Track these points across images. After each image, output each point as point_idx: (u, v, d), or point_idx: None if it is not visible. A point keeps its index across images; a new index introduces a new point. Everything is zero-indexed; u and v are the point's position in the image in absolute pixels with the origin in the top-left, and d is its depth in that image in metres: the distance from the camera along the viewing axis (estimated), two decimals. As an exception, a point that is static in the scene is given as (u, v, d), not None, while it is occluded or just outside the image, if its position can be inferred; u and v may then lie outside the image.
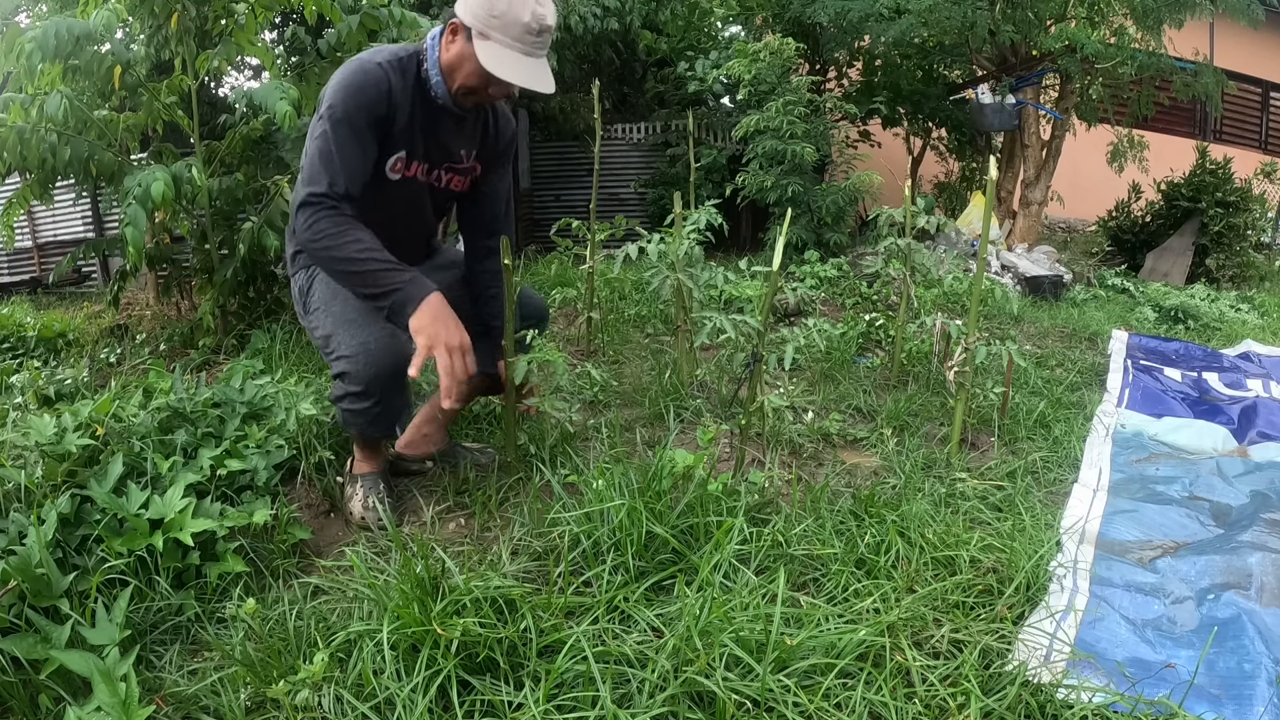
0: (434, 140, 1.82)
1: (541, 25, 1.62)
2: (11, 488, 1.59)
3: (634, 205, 8.39)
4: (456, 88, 1.73)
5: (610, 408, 2.62)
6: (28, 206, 3.74)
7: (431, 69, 1.73)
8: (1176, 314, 4.57)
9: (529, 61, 1.64)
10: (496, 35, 1.62)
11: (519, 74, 1.63)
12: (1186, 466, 2.25)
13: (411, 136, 1.77)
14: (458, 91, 1.73)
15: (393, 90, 1.69)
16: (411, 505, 1.93)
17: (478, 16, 1.62)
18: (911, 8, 5.81)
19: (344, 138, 1.64)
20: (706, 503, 1.65)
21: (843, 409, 2.66)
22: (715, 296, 3.87)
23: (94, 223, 7.03)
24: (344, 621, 1.37)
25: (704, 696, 1.20)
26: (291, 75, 3.67)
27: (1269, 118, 10.53)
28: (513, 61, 1.63)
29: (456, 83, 1.72)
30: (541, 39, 1.64)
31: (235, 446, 1.86)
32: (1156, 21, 5.56)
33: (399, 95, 1.71)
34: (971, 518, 1.83)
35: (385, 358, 1.69)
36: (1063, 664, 1.28)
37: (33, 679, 1.23)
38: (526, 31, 1.62)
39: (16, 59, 2.90)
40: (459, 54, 1.68)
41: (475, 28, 1.63)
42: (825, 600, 1.45)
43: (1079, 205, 8.64)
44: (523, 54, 1.63)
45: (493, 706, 1.20)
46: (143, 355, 3.33)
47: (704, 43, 8.70)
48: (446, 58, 1.71)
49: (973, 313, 2.20)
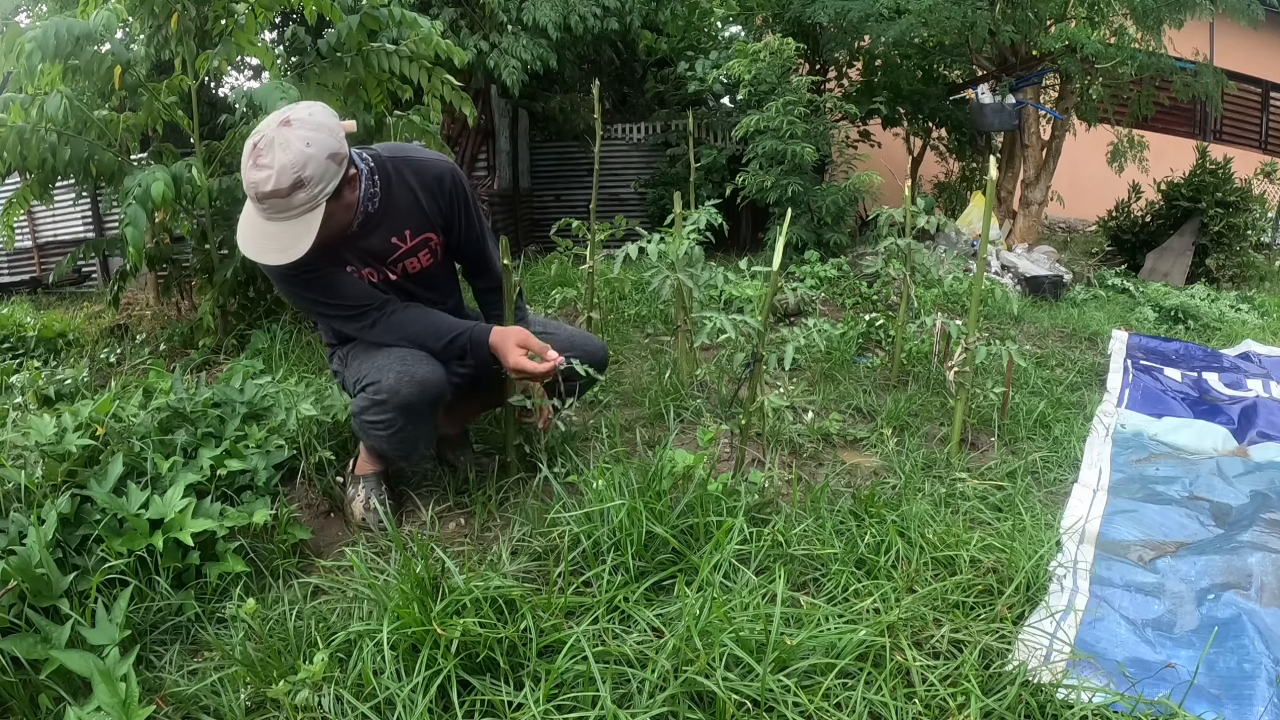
0: (357, 248, 1.77)
1: (258, 192, 1.50)
2: (11, 488, 1.59)
3: (634, 205, 8.39)
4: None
5: (610, 408, 2.62)
6: (28, 206, 3.75)
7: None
8: (1176, 314, 4.57)
9: (264, 227, 1.55)
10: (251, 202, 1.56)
11: (252, 246, 1.56)
12: (1186, 466, 2.25)
13: (345, 256, 1.76)
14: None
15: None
16: (411, 505, 1.93)
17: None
18: (911, 8, 5.81)
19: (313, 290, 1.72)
20: (706, 503, 1.65)
21: (843, 409, 2.66)
22: (715, 296, 3.87)
23: (94, 223, 7.04)
24: (344, 621, 1.37)
25: (704, 696, 1.20)
26: (291, 75, 3.67)
27: (1269, 118, 10.53)
28: (250, 229, 1.57)
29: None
30: (265, 204, 1.51)
31: (235, 446, 1.86)
32: (1156, 21, 5.56)
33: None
34: (971, 518, 1.83)
35: (418, 376, 1.69)
36: (1063, 664, 1.28)
37: (33, 679, 1.23)
38: (253, 199, 1.53)
39: (16, 59, 2.90)
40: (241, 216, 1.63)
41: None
42: (825, 600, 1.45)
43: (1079, 205, 8.64)
44: (262, 218, 1.55)
45: (493, 706, 1.20)
46: (143, 355, 3.33)
47: (704, 43, 8.71)
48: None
49: (973, 313, 2.20)
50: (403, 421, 1.72)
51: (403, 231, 1.80)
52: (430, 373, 1.71)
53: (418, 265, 1.87)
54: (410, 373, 1.69)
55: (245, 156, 1.52)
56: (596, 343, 2.05)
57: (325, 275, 1.73)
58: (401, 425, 1.73)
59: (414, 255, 1.85)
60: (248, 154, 1.52)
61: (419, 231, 1.82)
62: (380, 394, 1.69)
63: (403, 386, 1.68)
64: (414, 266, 1.86)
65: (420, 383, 1.69)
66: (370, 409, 1.72)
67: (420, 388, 1.69)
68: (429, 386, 1.71)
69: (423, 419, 1.75)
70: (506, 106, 8.18)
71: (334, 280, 1.74)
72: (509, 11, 6.01)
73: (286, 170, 1.48)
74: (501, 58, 5.95)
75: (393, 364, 1.70)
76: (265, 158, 1.49)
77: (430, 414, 1.77)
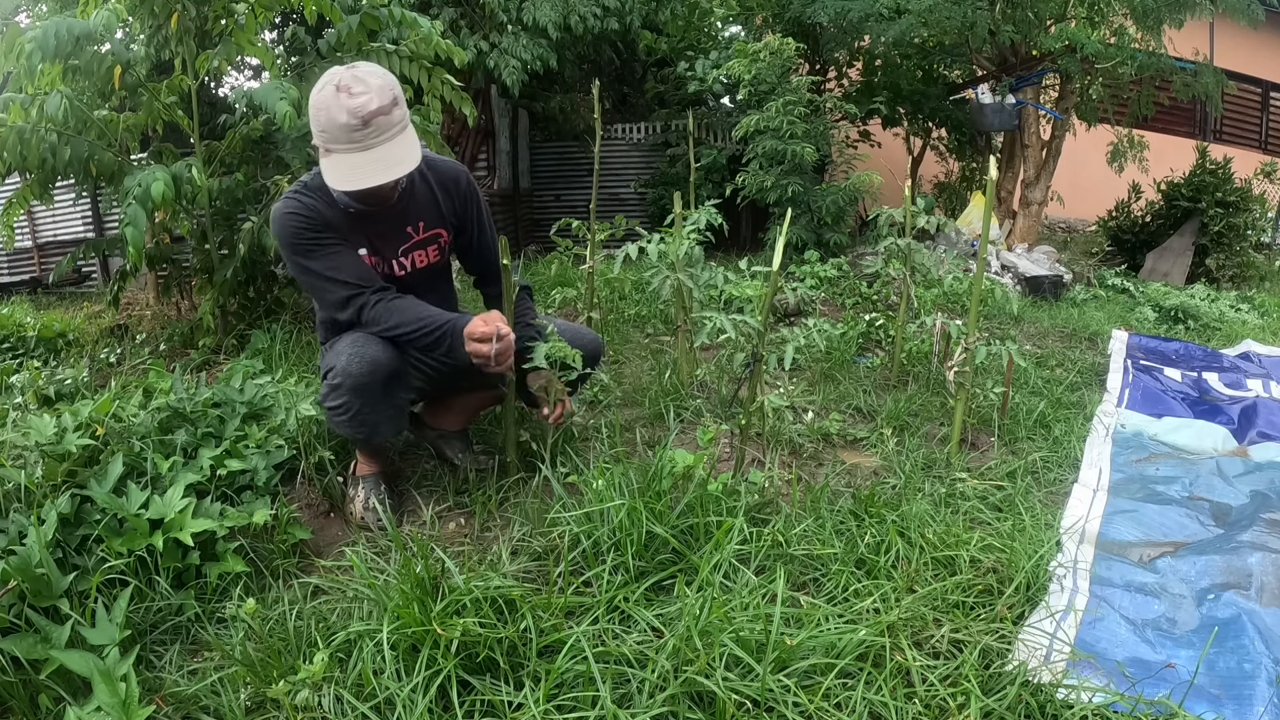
0: (379, 235, 1.83)
1: (360, 116, 1.57)
2: (11, 488, 1.59)
3: (634, 205, 8.39)
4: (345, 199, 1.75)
5: (610, 408, 2.62)
6: (28, 206, 3.74)
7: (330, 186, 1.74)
8: (1176, 314, 4.57)
9: (366, 157, 1.61)
10: (334, 146, 1.62)
11: (360, 178, 1.61)
12: (1186, 466, 2.25)
13: (358, 237, 1.80)
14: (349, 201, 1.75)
15: (316, 205, 1.74)
16: (411, 505, 1.93)
17: (316, 134, 1.64)
18: (911, 8, 5.81)
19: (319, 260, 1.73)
20: (706, 503, 1.65)
21: (843, 409, 2.66)
22: (715, 296, 3.87)
23: (94, 223, 7.03)
24: (344, 621, 1.37)
25: (704, 696, 1.20)
26: (291, 75, 3.67)
27: (1269, 118, 10.53)
28: (350, 167, 1.61)
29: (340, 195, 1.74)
30: (372, 127, 1.59)
31: (235, 446, 1.86)
32: (1156, 21, 5.56)
33: (323, 208, 1.75)
34: (971, 518, 1.83)
35: (368, 355, 1.72)
36: (1063, 664, 1.28)
37: (33, 679, 1.23)
38: (352, 131, 1.59)
39: (16, 59, 2.90)
40: (324, 171, 1.69)
41: (320, 145, 1.64)
42: (825, 600, 1.45)
43: (1079, 205, 8.64)
44: (360, 151, 1.61)
45: (493, 706, 1.20)
46: (143, 355, 3.33)
47: (704, 43, 8.71)
48: (325, 178, 1.71)
49: (973, 313, 2.20)
50: (359, 403, 1.75)
51: (417, 222, 1.87)
52: (379, 351, 1.73)
53: (425, 260, 1.91)
54: (361, 353, 1.72)
55: (329, 99, 1.58)
56: (591, 335, 2.06)
57: (334, 249, 1.75)
58: (359, 408, 1.75)
59: (424, 248, 1.89)
60: (331, 95, 1.58)
61: (431, 225, 1.89)
62: (335, 378, 1.74)
63: (354, 366, 1.71)
64: (421, 260, 1.90)
65: (371, 360, 1.72)
66: (329, 395, 1.77)
67: (372, 365, 1.72)
68: (380, 364, 1.73)
69: (379, 398, 1.76)
70: (506, 106, 8.18)
71: (341, 255, 1.76)
72: (509, 11, 6.01)
73: (384, 90, 1.61)
74: (501, 58, 5.95)
75: (345, 348, 1.74)
76: (356, 87, 1.59)
77: (385, 393, 1.77)
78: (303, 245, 1.74)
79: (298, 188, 1.79)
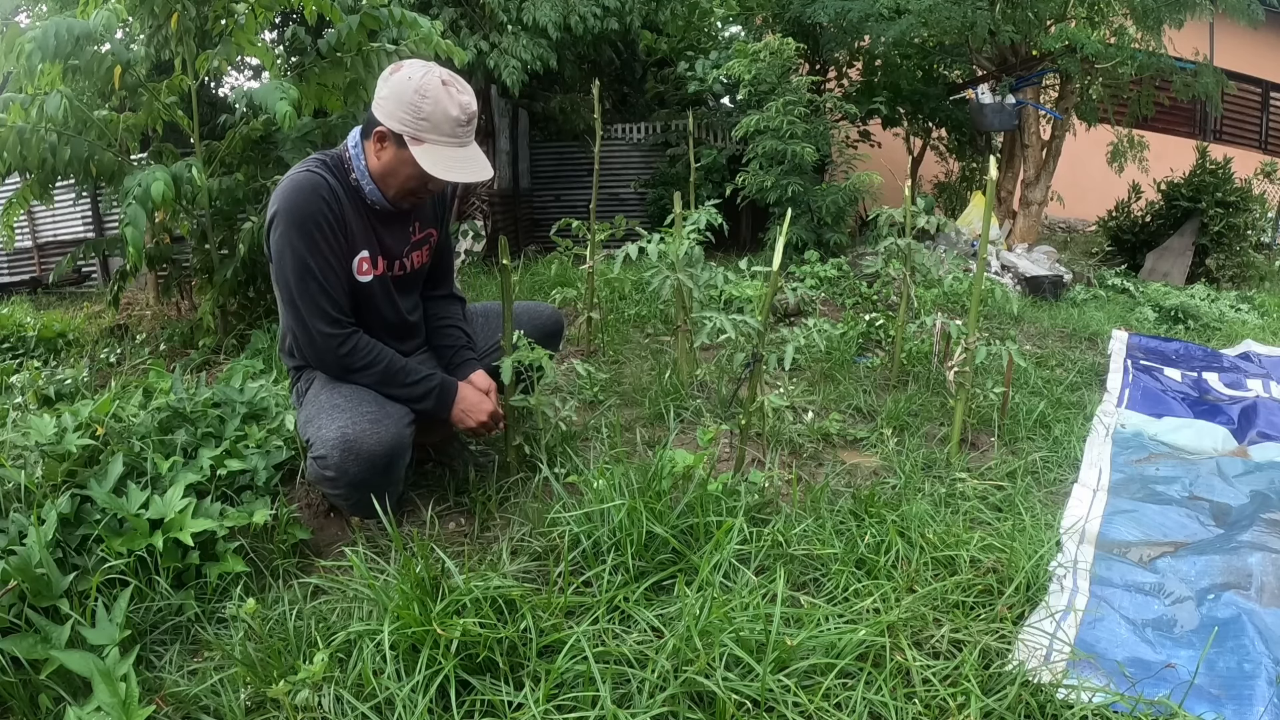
0: (389, 235, 1.80)
1: (469, 114, 1.63)
2: (11, 488, 1.59)
3: (634, 205, 8.39)
4: (395, 192, 1.72)
5: (610, 408, 2.62)
6: (28, 206, 3.75)
7: (362, 177, 1.70)
8: (1176, 314, 4.57)
9: (464, 153, 1.65)
10: (430, 136, 1.60)
11: (461, 171, 1.63)
12: (1186, 466, 2.25)
13: (368, 238, 1.76)
14: (396, 195, 1.72)
15: (335, 191, 1.67)
16: (411, 505, 1.93)
17: (405, 122, 1.60)
18: (911, 8, 5.81)
19: (322, 263, 1.66)
20: (706, 503, 1.64)
21: (843, 409, 2.66)
22: (715, 296, 3.87)
23: (94, 223, 7.04)
24: (344, 621, 1.37)
25: (704, 696, 1.20)
26: (291, 75, 3.67)
27: (1269, 118, 10.53)
28: (449, 159, 1.62)
29: (394, 188, 1.71)
30: (470, 126, 1.66)
31: (235, 446, 1.86)
32: (1156, 21, 5.56)
33: (342, 196, 1.69)
34: (971, 518, 1.83)
35: (364, 451, 1.61)
36: (1063, 664, 1.28)
37: (33, 679, 1.23)
38: (457, 125, 1.61)
39: (16, 59, 2.90)
40: (394, 160, 1.66)
41: (407, 133, 1.61)
42: (825, 600, 1.45)
43: (1079, 205, 8.64)
44: (458, 147, 1.64)
45: (493, 706, 1.20)
46: (143, 355, 3.33)
47: (704, 43, 8.72)
48: (379, 165, 1.68)
49: (973, 313, 2.20)
50: (358, 495, 1.66)
51: (415, 223, 1.87)
52: (376, 443, 1.62)
53: (420, 260, 1.91)
54: (356, 448, 1.60)
55: (437, 89, 1.59)
56: (547, 310, 2.06)
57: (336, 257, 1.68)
58: (359, 498, 1.67)
59: (419, 249, 1.89)
60: (439, 87, 1.59)
61: (425, 226, 1.90)
62: (329, 470, 1.64)
63: (349, 465, 1.61)
64: (418, 260, 1.90)
65: (368, 457, 1.61)
66: (323, 482, 1.70)
67: (369, 463, 1.62)
68: (377, 458, 1.63)
69: (379, 484, 1.66)
70: (506, 106, 8.18)
71: (338, 270, 1.69)
72: (509, 11, 6.00)
73: (478, 96, 1.69)
74: (501, 58, 5.95)
75: (334, 432, 1.61)
76: (459, 85, 1.64)
77: (387, 474, 1.68)
78: (311, 236, 1.63)
79: (316, 165, 1.68)
